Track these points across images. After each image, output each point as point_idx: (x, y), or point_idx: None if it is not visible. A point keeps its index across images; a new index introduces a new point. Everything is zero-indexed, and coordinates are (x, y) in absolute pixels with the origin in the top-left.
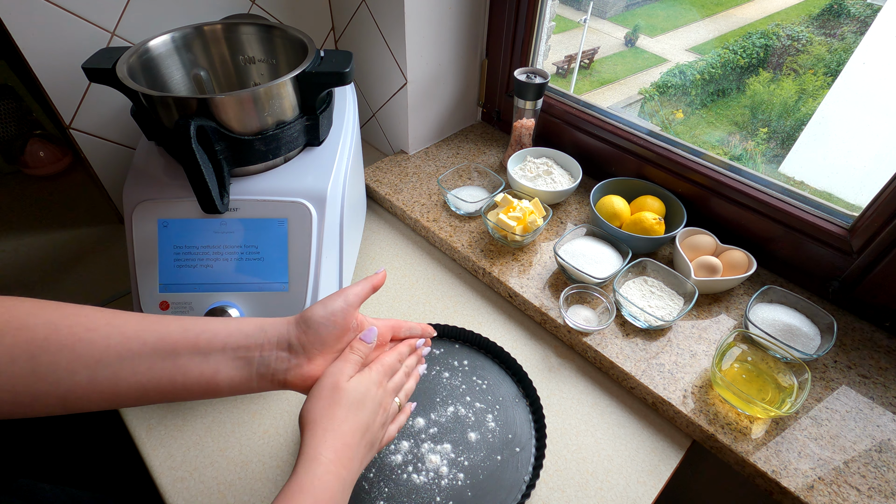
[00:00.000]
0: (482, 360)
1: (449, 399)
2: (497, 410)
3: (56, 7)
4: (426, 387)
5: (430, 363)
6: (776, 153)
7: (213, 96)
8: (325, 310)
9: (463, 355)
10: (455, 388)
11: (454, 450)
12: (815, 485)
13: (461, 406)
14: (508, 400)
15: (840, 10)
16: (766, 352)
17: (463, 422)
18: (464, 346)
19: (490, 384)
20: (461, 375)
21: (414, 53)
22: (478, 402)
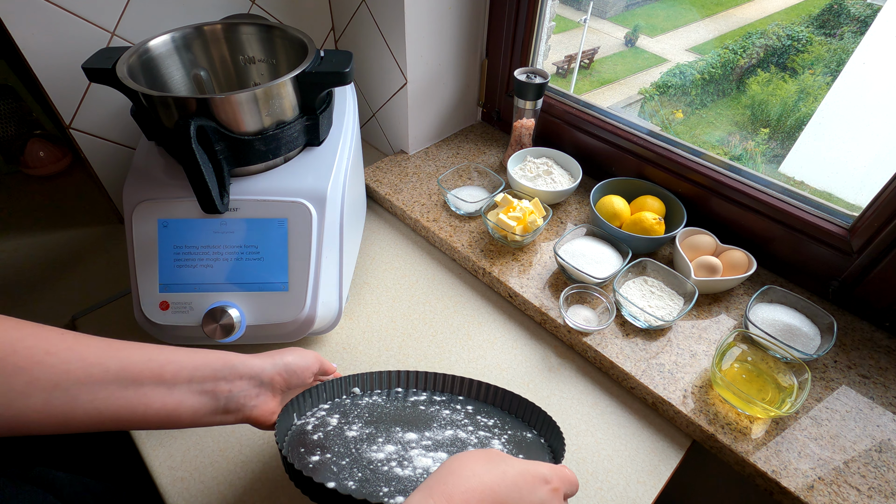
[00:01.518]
0: (489, 408)
1: (447, 426)
2: (506, 437)
3: (56, 7)
4: (422, 417)
5: (430, 403)
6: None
7: (213, 96)
8: (303, 360)
9: (466, 402)
10: (456, 420)
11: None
12: (815, 485)
13: (461, 432)
14: (520, 434)
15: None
16: (766, 352)
17: (464, 442)
18: (469, 399)
19: (498, 423)
20: (463, 414)
21: (414, 53)
22: (481, 431)
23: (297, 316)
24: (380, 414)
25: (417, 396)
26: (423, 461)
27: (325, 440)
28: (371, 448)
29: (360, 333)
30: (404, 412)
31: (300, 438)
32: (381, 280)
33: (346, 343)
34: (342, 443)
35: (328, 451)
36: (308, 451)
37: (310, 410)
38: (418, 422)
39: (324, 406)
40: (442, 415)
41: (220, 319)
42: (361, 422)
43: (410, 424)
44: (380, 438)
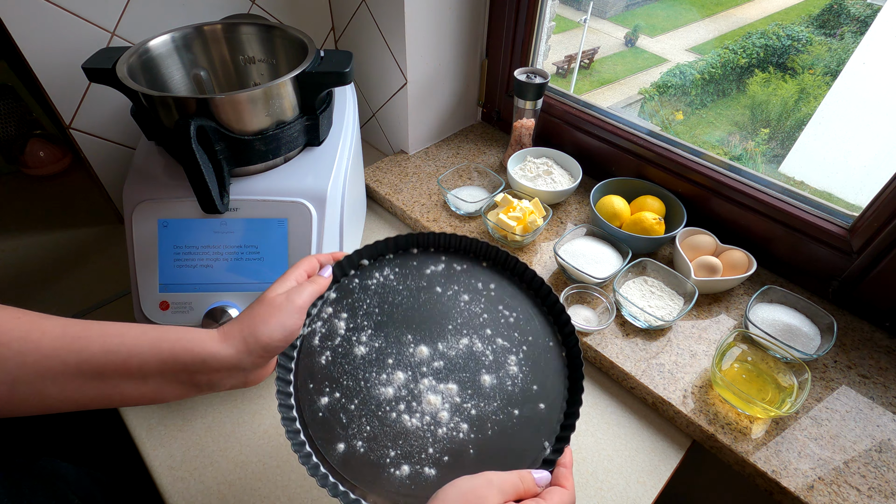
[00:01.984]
0: (513, 289)
1: (464, 329)
2: (523, 352)
3: (56, 7)
4: (437, 309)
5: (447, 282)
6: (776, 153)
7: (213, 96)
8: (283, 331)
9: (490, 278)
10: (474, 315)
11: (461, 392)
12: (815, 485)
13: (478, 340)
14: (540, 342)
15: (840, 10)
16: (766, 352)
17: (478, 360)
18: (493, 268)
19: (519, 319)
20: (484, 302)
21: (414, 53)
22: (500, 339)
23: None
24: (391, 306)
25: (435, 267)
26: (433, 400)
27: (334, 365)
28: (380, 378)
29: None
30: (418, 300)
31: (308, 363)
32: None
33: None
34: (351, 369)
35: (338, 388)
36: (317, 388)
37: (315, 307)
38: (432, 320)
39: (331, 294)
40: (460, 303)
41: (221, 319)
42: (371, 324)
43: (424, 326)
44: (390, 360)
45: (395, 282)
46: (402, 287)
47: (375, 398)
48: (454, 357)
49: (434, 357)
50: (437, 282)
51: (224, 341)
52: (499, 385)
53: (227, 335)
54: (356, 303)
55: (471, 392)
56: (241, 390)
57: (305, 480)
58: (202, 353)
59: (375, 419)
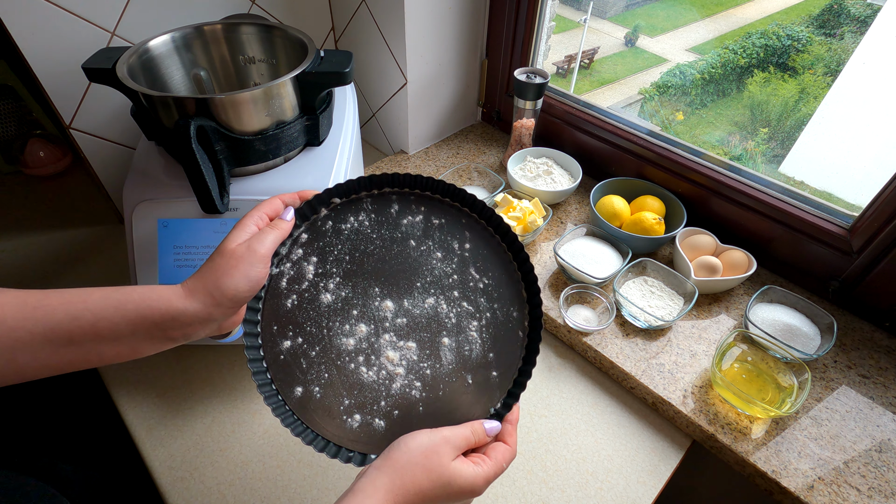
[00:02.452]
0: (489, 251)
1: (432, 288)
2: (486, 319)
3: (56, 7)
4: (408, 264)
5: (424, 236)
6: (776, 153)
7: (213, 96)
8: (249, 282)
9: (466, 237)
10: (444, 275)
11: (419, 352)
12: (815, 485)
13: (444, 301)
14: (505, 311)
15: (840, 10)
16: (766, 352)
17: (440, 321)
18: (472, 221)
19: (489, 285)
20: (457, 262)
21: (414, 53)
22: (465, 303)
23: None
24: (362, 255)
25: (413, 217)
26: (391, 356)
27: (299, 310)
28: (343, 328)
29: None
30: (391, 252)
31: (273, 305)
32: None
33: None
34: (315, 316)
35: (300, 333)
36: (281, 330)
37: (284, 247)
38: (402, 275)
39: (303, 235)
40: (432, 260)
41: None
42: (340, 272)
43: (392, 280)
44: (354, 311)
45: (369, 229)
46: (375, 236)
47: (336, 347)
48: (418, 316)
49: (398, 313)
50: (413, 234)
51: (189, 297)
52: (457, 349)
53: (192, 291)
54: (327, 247)
55: (428, 353)
56: (241, 390)
57: (305, 480)
58: (170, 310)
59: (334, 368)
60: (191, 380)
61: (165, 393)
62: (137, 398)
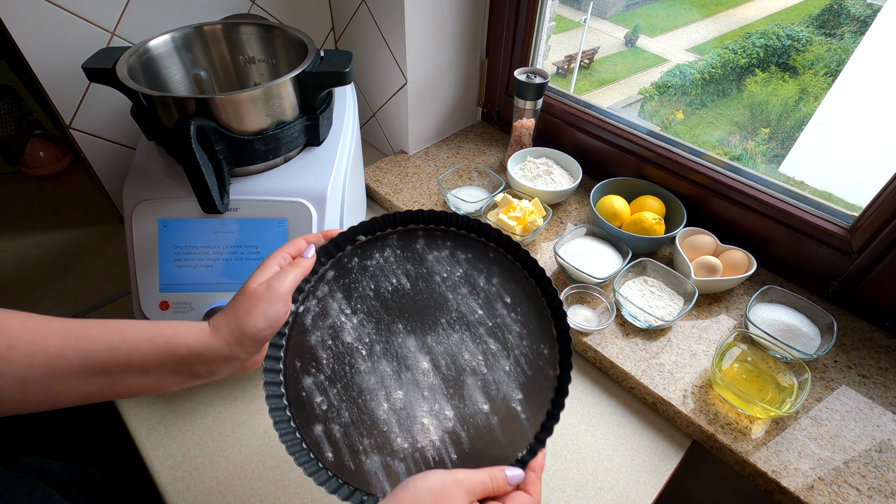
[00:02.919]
0: (516, 286)
1: (457, 325)
2: (514, 358)
3: (56, 7)
4: (433, 300)
5: (449, 271)
6: (776, 153)
7: (213, 96)
8: (267, 321)
9: (493, 272)
10: (470, 311)
11: (443, 390)
12: (815, 485)
13: (469, 338)
14: (534, 349)
15: (840, 10)
16: (766, 352)
17: (465, 359)
18: (500, 256)
19: (517, 321)
20: (483, 297)
21: (414, 53)
22: (492, 340)
23: None
24: (387, 291)
25: (438, 253)
26: (413, 395)
27: (323, 346)
28: (366, 366)
29: None
30: (416, 288)
31: (298, 341)
32: None
33: None
34: (339, 353)
35: (323, 369)
36: (304, 367)
37: (310, 283)
38: (427, 311)
39: (329, 272)
40: (458, 296)
41: None
42: (364, 309)
43: (417, 317)
44: (378, 347)
45: (395, 265)
46: (401, 272)
47: (358, 385)
48: (441, 353)
49: (421, 351)
50: (439, 270)
51: (215, 334)
52: (483, 388)
53: (217, 329)
54: (353, 284)
55: (452, 392)
56: (241, 390)
57: (305, 481)
58: (196, 346)
59: (355, 406)
60: None
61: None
62: (137, 398)
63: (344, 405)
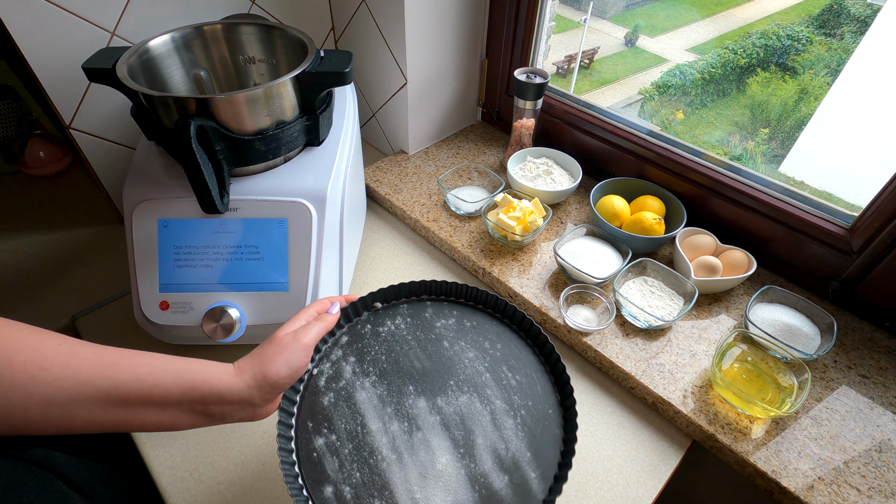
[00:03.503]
0: (520, 351)
1: (465, 386)
2: (521, 417)
3: (56, 7)
4: (441, 363)
5: (456, 337)
6: (776, 153)
7: (213, 96)
8: (289, 369)
9: (498, 337)
10: (477, 374)
11: (453, 450)
12: (815, 485)
13: (477, 399)
14: (539, 408)
15: (840, 9)
16: (766, 352)
17: (474, 419)
18: (502, 323)
19: (522, 382)
20: (489, 361)
21: (414, 53)
22: (499, 401)
23: None
24: (398, 355)
25: (446, 321)
26: (424, 455)
27: (335, 407)
28: (377, 426)
29: None
30: (425, 352)
31: (311, 402)
32: (380, 280)
33: None
34: (351, 414)
35: (335, 430)
36: (316, 427)
37: (326, 345)
38: (436, 374)
39: (343, 338)
40: (464, 360)
41: (220, 319)
42: (376, 372)
43: (426, 379)
44: (389, 409)
45: (405, 331)
46: (411, 337)
47: (369, 445)
48: (451, 414)
49: (432, 411)
50: (446, 336)
51: (238, 375)
52: (492, 447)
53: (241, 370)
54: (365, 348)
55: (462, 451)
56: None
57: None
58: (219, 385)
59: (366, 466)
60: None
61: None
62: None
63: (355, 466)
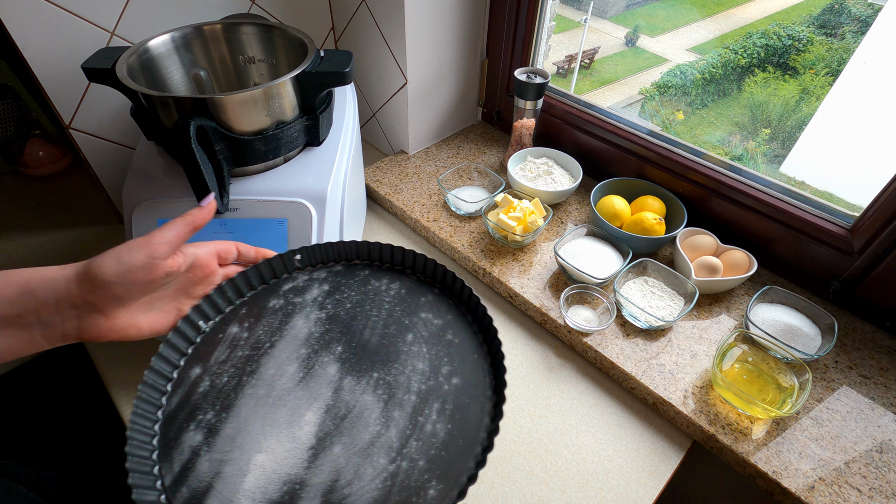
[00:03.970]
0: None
1: (382, 389)
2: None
3: (56, 7)
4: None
5: (429, 339)
6: (777, 153)
7: (212, 96)
8: (118, 265)
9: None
10: (407, 388)
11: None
12: (815, 485)
13: (378, 413)
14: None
15: (841, 9)
16: (767, 352)
17: (359, 428)
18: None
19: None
20: (436, 385)
21: (414, 53)
22: (413, 395)
23: None
24: (361, 314)
25: (439, 319)
26: (283, 414)
27: (273, 312)
28: (283, 353)
29: None
30: (386, 329)
31: (262, 298)
32: None
33: None
34: (277, 327)
35: (253, 330)
36: (240, 320)
37: (233, 305)
38: (368, 357)
39: (337, 266)
40: (409, 367)
41: None
42: (332, 312)
43: (358, 353)
44: (305, 349)
45: (389, 298)
46: (388, 307)
47: (258, 363)
48: (342, 401)
49: (329, 384)
50: (419, 332)
51: (60, 270)
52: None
53: (76, 269)
54: (344, 287)
55: (324, 439)
56: None
57: None
58: (29, 279)
59: (237, 378)
60: None
61: None
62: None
63: (233, 371)
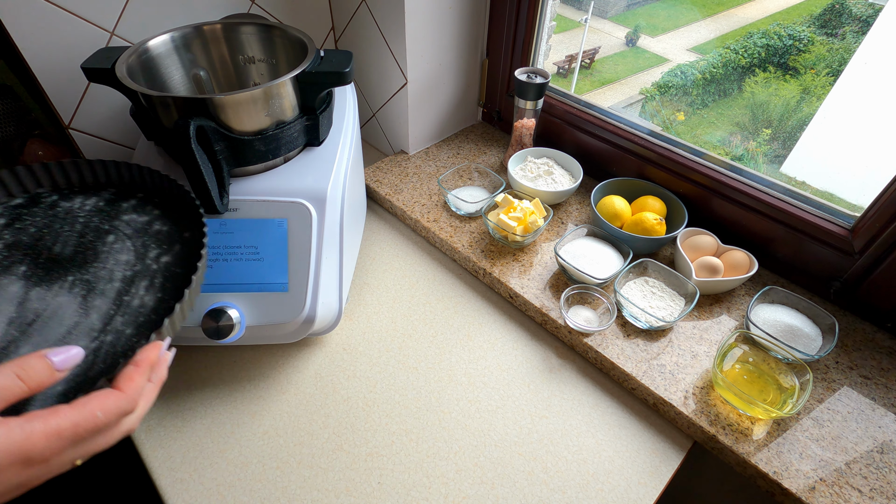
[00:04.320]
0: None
1: (79, 286)
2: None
3: (56, 7)
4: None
5: (132, 235)
6: (778, 153)
7: (212, 96)
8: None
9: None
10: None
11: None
12: (816, 486)
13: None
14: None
15: (841, 9)
16: (768, 352)
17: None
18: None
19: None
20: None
21: (414, 53)
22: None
23: (296, 317)
24: (50, 233)
25: (139, 216)
26: None
27: None
28: None
29: (360, 334)
30: (80, 241)
31: None
32: (381, 281)
33: (346, 344)
34: None
35: None
36: None
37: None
38: (62, 267)
39: (16, 201)
40: (112, 261)
41: (220, 320)
42: (10, 238)
43: (47, 266)
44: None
45: (85, 214)
46: (83, 222)
47: None
48: (30, 308)
49: (12, 301)
50: (123, 232)
51: None
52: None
53: None
54: (25, 214)
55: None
56: (241, 391)
57: (305, 482)
58: None
59: None
60: (190, 380)
61: (165, 393)
62: None
63: None
